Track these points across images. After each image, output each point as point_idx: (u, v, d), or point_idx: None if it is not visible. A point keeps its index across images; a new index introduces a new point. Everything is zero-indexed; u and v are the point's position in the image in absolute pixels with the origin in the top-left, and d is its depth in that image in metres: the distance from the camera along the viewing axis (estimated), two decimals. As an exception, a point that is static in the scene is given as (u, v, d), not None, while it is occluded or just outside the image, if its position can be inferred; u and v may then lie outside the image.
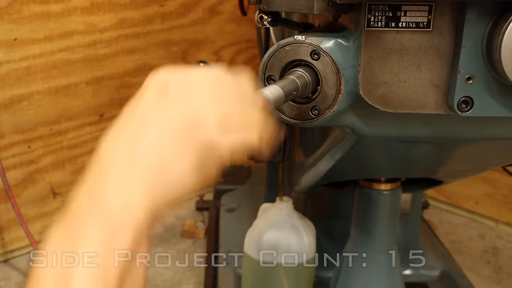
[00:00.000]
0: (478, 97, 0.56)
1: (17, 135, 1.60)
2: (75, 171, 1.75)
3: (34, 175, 1.66)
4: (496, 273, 1.62)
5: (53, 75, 1.62)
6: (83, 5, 1.62)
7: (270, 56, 0.60)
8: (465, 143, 0.75)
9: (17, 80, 1.55)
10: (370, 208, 1.05)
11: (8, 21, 1.50)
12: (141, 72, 1.81)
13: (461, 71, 0.55)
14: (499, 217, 1.86)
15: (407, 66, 0.57)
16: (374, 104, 0.58)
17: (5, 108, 1.55)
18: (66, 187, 1.74)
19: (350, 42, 0.58)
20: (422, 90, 0.57)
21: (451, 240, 1.78)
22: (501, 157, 0.86)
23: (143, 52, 1.80)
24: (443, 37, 0.55)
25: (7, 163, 1.57)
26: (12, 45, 1.52)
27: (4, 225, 1.65)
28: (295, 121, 0.61)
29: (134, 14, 1.74)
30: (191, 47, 1.91)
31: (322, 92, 0.59)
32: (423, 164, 0.89)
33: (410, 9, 0.55)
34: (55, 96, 1.64)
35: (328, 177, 0.94)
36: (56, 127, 1.67)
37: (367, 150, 0.78)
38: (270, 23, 0.62)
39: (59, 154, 1.70)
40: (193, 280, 1.58)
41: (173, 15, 1.84)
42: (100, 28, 1.67)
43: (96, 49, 1.69)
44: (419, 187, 1.14)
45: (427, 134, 0.67)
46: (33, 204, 1.68)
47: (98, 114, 1.75)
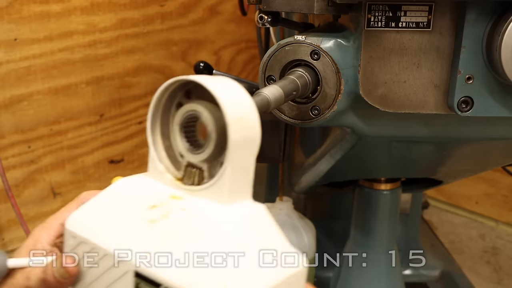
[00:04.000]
0: (478, 97, 0.56)
1: (17, 135, 1.60)
2: (75, 171, 1.75)
3: (34, 175, 1.66)
4: (496, 273, 1.62)
5: (53, 75, 1.62)
6: (83, 5, 1.62)
7: (270, 56, 0.60)
8: (465, 143, 0.75)
9: (17, 80, 1.55)
10: (370, 208, 1.04)
11: (8, 21, 1.50)
12: (141, 72, 1.81)
13: (461, 71, 0.55)
14: (499, 217, 1.86)
15: (407, 66, 0.57)
16: (374, 104, 0.58)
17: (5, 108, 1.55)
18: (66, 187, 1.74)
19: (350, 42, 0.58)
20: (422, 90, 0.57)
21: (451, 240, 1.78)
22: (501, 157, 0.86)
23: (143, 52, 1.80)
24: (443, 37, 0.56)
25: (7, 163, 1.57)
26: (12, 45, 1.52)
27: (4, 225, 1.65)
28: (295, 121, 0.61)
29: (134, 14, 1.74)
30: (191, 47, 1.91)
31: (322, 92, 0.59)
32: (423, 164, 0.89)
33: (410, 9, 0.55)
34: (55, 96, 1.64)
35: (328, 177, 0.94)
36: (56, 127, 1.67)
37: (367, 150, 0.78)
38: (270, 23, 0.62)
39: (59, 154, 1.70)
40: (193, 280, 1.57)
41: (173, 15, 1.84)
42: (100, 28, 1.67)
43: (96, 49, 1.69)
44: (419, 187, 1.14)
45: (427, 134, 0.67)
46: (33, 204, 1.68)
47: (98, 114, 1.75)
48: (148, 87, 1.85)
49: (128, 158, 1.87)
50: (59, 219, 0.49)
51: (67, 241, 0.46)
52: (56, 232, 0.49)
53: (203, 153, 0.41)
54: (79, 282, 0.45)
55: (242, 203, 0.42)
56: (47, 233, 0.49)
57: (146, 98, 1.86)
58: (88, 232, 0.44)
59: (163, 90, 0.42)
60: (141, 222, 0.42)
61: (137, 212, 0.43)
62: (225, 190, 0.40)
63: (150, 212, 0.42)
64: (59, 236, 0.48)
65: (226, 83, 0.41)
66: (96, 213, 0.45)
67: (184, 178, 0.43)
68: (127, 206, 0.44)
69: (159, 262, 0.39)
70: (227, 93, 0.40)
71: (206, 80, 0.40)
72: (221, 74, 1.19)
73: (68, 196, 1.75)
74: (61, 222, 0.48)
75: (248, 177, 0.42)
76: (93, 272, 0.44)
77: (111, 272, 0.42)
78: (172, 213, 0.41)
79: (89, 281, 0.44)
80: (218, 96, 0.39)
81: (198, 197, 0.42)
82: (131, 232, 0.42)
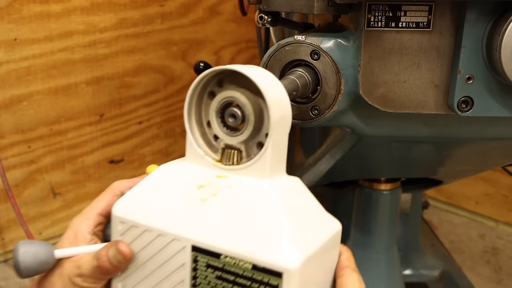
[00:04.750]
0: (478, 97, 0.56)
1: (17, 135, 1.60)
2: (75, 171, 1.75)
3: (34, 175, 1.66)
4: (496, 273, 1.63)
5: (53, 75, 1.62)
6: (83, 5, 1.62)
7: (270, 56, 0.60)
8: (465, 143, 0.75)
9: (17, 80, 1.56)
10: (370, 208, 1.05)
11: (8, 21, 1.50)
12: (141, 72, 1.82)
13: (461, 71, 0.55)
14: (499, 217, 1.86)
15: (407, 66, 0.57)
16: (374, 104, 0.58)
17: (5, 108, 1.55)
18: (66, 187, 1.74)
19: (350, 42, 0.58)
20: (422, 90, 0.57)
21: (451, 240, 1.78)
22: (501, 157, 0.86)
23: (143, 52, 1.80)
24: (443, 37, 0.55)
25: (7, 163, 1.57)
26: (12, 45, 1.52)
27: (4, 225, 1.65)
28: (295, 121, 0.61)
29: (134, 14, 1.74)
30: (191, 47, 1.91)
31: (322, 92, 0.59)
32: (423, 164, 0.89)
33: (410, 9, 0.55)
34: (55, 96, 1.64)
35: (328, 177, 0.94)
36: (56, 127, 1.67)
37: (367, 150, 0.78)
38: (270, 23, 0.62)
39: (59, 154, 1.70)
40: (193, 280, 1.57)
41: (173, 15, 1.84)
42: (100, 28, 1.67)
43: (96, 49, 1.69)
44: (419, 187, 1.14)
45: (427, 134, 0.67)
46: (33, 204, 1.68)
47: (98, 114, 1.75)
48: (148, 87, 1.85)
49: (128, 158, 1.87)
50: (95, 209, 0.51)
51: (115, 227, 0.48)
52: (94, 221, 0.51)
53: (242, 135, 0.46)
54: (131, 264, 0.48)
55: (281, 177, 0.46)
56: (86, 223, 0.51)
57: (146, 98, 1.86)
58: (138, 216, 0.47)
59: (199, 81, 0.46)
60: (192, 202, 0.45)
61: (186, 193, 0.46)
62: (267, 166, 0.45)
63: (199, 191, 0.46)
64: (97, 225, 0.51)
65: (259, 70, 0.46)
66: (143, 198, 0.48)
67: (222, 159, 0.47)
68: (174, 189, 0.47)
69: (216, 234, 0.43)
70: (262, 78, 0.44)
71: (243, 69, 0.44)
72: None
73: (68, 196, 1.76)
74: (98, 212, 0.51)
75: (284, 153, 0.47)
76: (146, 253, 0.47)
77: (166, 250, 0.46)
78: (220, 191, 0.45)
79: (142, 261, 0.47)
80: (258, 82, 0.43)
81: (241, 175, 0.46)
82: (184, 211, 0.45)
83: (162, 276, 0.47)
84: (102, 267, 0.47)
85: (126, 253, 0.47)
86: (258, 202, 0.44)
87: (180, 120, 1.96)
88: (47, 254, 0.48)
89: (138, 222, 0.47)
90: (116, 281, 0.49)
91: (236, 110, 0.44)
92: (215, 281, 0.44)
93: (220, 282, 0.44)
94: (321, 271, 0.46)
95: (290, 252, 0.41)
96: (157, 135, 1.92)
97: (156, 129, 1.91)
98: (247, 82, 0.44)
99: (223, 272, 0.43)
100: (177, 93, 1.92)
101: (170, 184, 0.48)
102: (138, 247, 0.47)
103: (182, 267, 0.45)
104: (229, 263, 0.43)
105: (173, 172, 0.48)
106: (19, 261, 0.48)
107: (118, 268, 0.48)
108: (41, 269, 0.48)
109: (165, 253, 0.46)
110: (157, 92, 1.87)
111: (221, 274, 0.44)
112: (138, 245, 0.47)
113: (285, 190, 0.46)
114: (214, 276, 0.44)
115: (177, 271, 0.46)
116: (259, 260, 0.42)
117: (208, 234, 0.44)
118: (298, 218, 0.44)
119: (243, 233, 0.43)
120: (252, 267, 0.42)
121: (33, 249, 0.48)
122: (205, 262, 0.44)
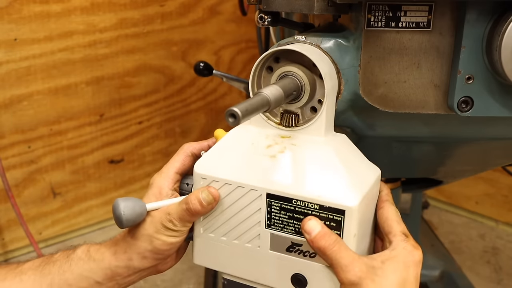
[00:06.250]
0: (478, 97, 0.56)
1: (17, 135, 1.60)
2: (75, 171, 1.75)
3: (34, 175, 1.66)
4: (496, 273, 1.63)
5: (53, 75, 1.62)
6: (83, 5, 1.62)
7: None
8: (465, 143, 0.75)
9: (17, 80, 1.56)
10: (370, 208, 1.04)
11: (8, 21, 1.50)
12: (141, 72, 1.82)
13: (461, 71, 0.55)
14: (499, 217, 1.86)
15: (407, 66, 0.57)
16: (374, 104, 0.58)
17: (5, 108, 1.55)
18: (66, 187, 1.74)
19: (350, 42, 0.58)
20: (422, 90, 0.57)
21: (451, 240, 1.78)
22: (501, 157, 0.86)
23: (143, 52, 1.80)
24: (443, 37, 0.56)
25: (7, 163, 1.57)
26: (12, 45, 1.52)
27: (4, 225, 1.65)
28: (295, 121, 0.61)
29: (134, 14, 1.74)
30: (191, 47, 1.91)
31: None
32: (423, 164, 0.89)
33: (410, 9, 0.55)
34: (55, 96, 1.64)
35: (328, 177, 0.94)
36: (56, 127, 1.67)
37: (367, 150, 0.78)
38: (270, 23, 0.62)
39: (59, 154, 1.70)
40: (193, 280, 1.58)
41: (173, 15, 1.84)
42: (100, 28, 1.67)
43: (96, 49, 1.69)
44: (419, 187, 1.14)
45: (427, 134, 0.67)
46: (33, 204, 1.69)
47: (98, 114, 1.75)
48: (148, 87, 1.85)
49: (128, 158, 1.87)
50: (173, 169, 0.60)
51: (196, 183, 0.57)
52: (173, 179, 0.60)
53: (300, 101, 0.56)
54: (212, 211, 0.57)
55: (333, 134, 0.57)
56: (167, 180, 0.60)
57: (146, 98, 1.86)
58: (218, 172, 0.56)
59: (263, 58, 0.56)
60: (263, 158, 0.55)
61: (256, 152, 0.56)
62: (323, 126, 0.55)
63: (268, 150, 0.56)
64: (176, 182, 0.60)
65: (311, 49, 0.56)
66: (219, 157, 0.57)
67: (281, 122, 0.57)
68: (246, 149, 0.57)
69: (287, 182, 0.53)
70: (314, 54, 0.55)
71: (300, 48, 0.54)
72: (221, 74, 1.19)
73: (68, 196, 1.76)
74: (175, 171, 0.60)
75: (333, 116, 0.57)
76: (226, 202, 0.56)
77: (244, 198, 0.55)
78: (286, 148, 0.55)
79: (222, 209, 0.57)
80: (313, 58, 0.53)
81: (301, 134, 0.56)
82: (257, 166, 0.55)
83: (240, 220, 0.56)
84: (191, 209, 0.55)
85: (216, 195, 0.55)
86: (319, 155, 0.54)
87: (180, 120, 1.96)
88: (141, 207, 0.57)
89: (218, 177, 0.56)
90: (198, 225, 0.58)
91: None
92: (288, 220, 0.54)
93: (292, 221, 0.54)
94: (369, 206, 0.56)
95: (350, 193, 0.52)
96: (157, 135, 1.92)
97: (156, 129, 1.91)
98: (302, 58, 0.54)
99: (294, 213, 0.53)
100: (177, 93, 1.92)
101: (241, 145, 0.57)
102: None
103: (259, 211, 0.55)
104: (299, 205, 0.53)
105: (242, 135, 0.58)
106: (121, 213, 0.55)
107: (205, 210, 0.56)
108: (137, 219, 0.57)
109: (243, 201, 0.55)
110: (157, 92, 1.87)
111: (292, 215, 0.54)
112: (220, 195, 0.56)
113: (338, 144, 0.56)
114: (287, 216, 0.54)
115: (254, 215, 0.55)
116: (326, 201, 0.52)
117: (281, 183, 0.53)
118: (351, 166, 0.54)
119: (309, 181, 0.53)
120: (319, 207, 0.52)
121: (131, 204, 0.56)
122: (278, 206, 0.54)
